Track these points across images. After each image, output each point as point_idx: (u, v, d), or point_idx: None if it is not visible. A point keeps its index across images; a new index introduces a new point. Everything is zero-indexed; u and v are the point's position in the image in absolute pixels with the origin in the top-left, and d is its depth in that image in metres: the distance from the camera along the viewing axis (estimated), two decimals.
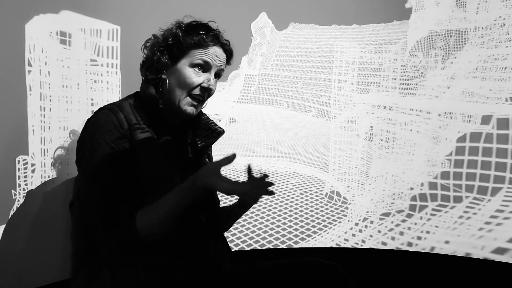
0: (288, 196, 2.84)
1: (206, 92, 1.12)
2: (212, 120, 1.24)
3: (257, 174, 1.10)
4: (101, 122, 1.02)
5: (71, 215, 1.07)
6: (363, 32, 3.16)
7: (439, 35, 2.86)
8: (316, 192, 2.87)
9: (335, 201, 2.78)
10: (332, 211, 2.76)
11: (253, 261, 1.19)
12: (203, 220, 1.13)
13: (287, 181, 2.85)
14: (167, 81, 1.10)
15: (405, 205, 2.63)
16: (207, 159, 1.29)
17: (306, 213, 2.77)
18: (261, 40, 3.14)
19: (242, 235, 2.60)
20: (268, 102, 3.18)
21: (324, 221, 2.72)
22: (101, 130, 1.00)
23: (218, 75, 1.16)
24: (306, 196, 2.86)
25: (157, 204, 0.96)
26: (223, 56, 1.15)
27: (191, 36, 1.10)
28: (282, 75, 3.24)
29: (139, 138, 1.02)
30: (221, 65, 1.14)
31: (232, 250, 1.33)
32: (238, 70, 3.02)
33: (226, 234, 1.47)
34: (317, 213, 2.75)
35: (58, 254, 1.59)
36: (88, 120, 1.06)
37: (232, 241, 2.51)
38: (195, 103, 1.12)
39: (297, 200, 2.84)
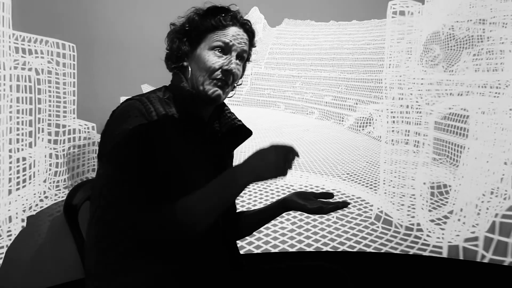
0: (322, 221, 2.00)
1: (229, 75, 0.99)
2: (236, 116, 1.10)
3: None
4: (130, 112, 0.92)
5: (90, 214, 0.97)
6: (365, 28, 2.70)
7: (460, 26, 2.33)
8: (359, 214, 2.05)
9: (396, 227, 1.93)
10: (398, 242, 1.92)
11: (255, 265, 1.08)
12: (220, 224, 1.01)
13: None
14: (189, 68, 1.01)
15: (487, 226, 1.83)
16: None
17: (364, 249, 1.96)
18: None
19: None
20: (263, 104, 2.67)
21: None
22: (128, 119, 0.91)
23: (241, 57, 1.02)
24: (348, 220, 2.03)
25: (207, 190, 0.87)
26: (244, 36, 1.02)
27: (208, 19, 1.00)
28: (278, 74, 2.76)
29: (167, 129, 0.93)
30: (242, 46, 1.01)
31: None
32: None
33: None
34: (379, 248, 1.94)
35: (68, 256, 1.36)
36: (114, 111, 0.96)
37: None
38: (220, 86, 0.99)
39: (337, 227, 2.05)
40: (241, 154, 2.21)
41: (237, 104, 2.53)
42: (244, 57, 1.04)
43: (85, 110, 1.57)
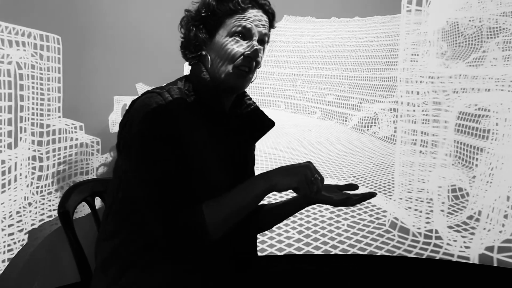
0: (332, 230, 1.87)
1: (252, 61, 0.95)
2: (261, 110, 1.07)
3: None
4: (149, 105, 0.88)
5: (108, 207, 0.95)
6: (368, 25, 2.59)
7: (470, 21, 2.21)
8: (371, 221, 1.92)
9: (414, 236, 1.80)
10: (419, 253, 1.79)
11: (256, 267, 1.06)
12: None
13: (319, 203, 1.92)
14: (209, 57, 0.96)
15: None
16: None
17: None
18: None
19: None
20: (262, 104, 2.59)
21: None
22: (149, 113, 0.87)
23: (262, 41, 0.98)
24: (360, 228, 1.90)
25: (226, 198, 0.87)
26: (264, 18, 0.98)
27: (226, 2, 0.95)
28: (278, 73, 2.67)
29: (187, 121, 0.90)
30: (263, 29, 0.97)
31: None
32: None
33: None
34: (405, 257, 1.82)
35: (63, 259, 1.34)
36: (133, 101, 0.93)
37: None
38: (243, 74, 0.95)
39: (348, 236, 1.91)
40: None
41: None
42: (265, 41, 0.99)
43: (72, 109, 1.44)
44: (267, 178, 0.86)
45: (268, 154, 2.21)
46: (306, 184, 0.83)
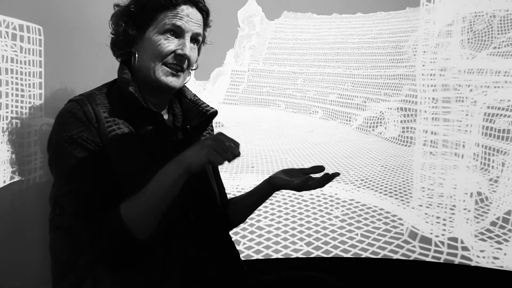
0: (344, 241, 1.77)
1: (184, 60, 0.95)
2: (202, 101, 1.06)
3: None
4: (66, 117, 0.89)
5: (49, 222, 0.96)
6: (370, 21, 2.53)
7: (479, 16, 2.11)
8: (387, 230, 1.81)
9: (436, 246, 1.69)
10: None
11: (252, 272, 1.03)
12: (192, 220, 0.95)
13: (328, 211, 1.79)
14: (138, 54, 0.95)
15: None
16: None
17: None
18: (249, 31, 2.64)
19: None
20: (261, 103, 2.49)
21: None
22: (65, 126, 0.88)
23: (195, 40, 0.98)
24: (375, 238, 1.78)
25: (142, 192, 0.83)
26: (197, 16, 0.96)
27: None
28: (277, 71, 2.58)
29: (109, 131, 0.89)
30: (196, 28, 0.96)
31: None
32: (222, 67, 2.42)
33: None
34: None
35: (34, 265, 1.23)
36: (58, 113, 0.93)
37: None
38: (173, 73, 0.94)
39: (364, 247, 1.80)
40: (239, 158, 2.05)
41: (233, 103, 2.37)
42: (199, 40, 0.98)
43: (55, 107, 1.33)
44: (179, 162, 0.82)
45: (269, 156, 2.12)
46: (217, 154, 0.79)
